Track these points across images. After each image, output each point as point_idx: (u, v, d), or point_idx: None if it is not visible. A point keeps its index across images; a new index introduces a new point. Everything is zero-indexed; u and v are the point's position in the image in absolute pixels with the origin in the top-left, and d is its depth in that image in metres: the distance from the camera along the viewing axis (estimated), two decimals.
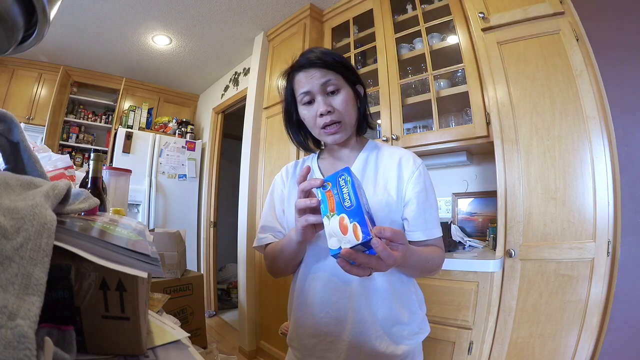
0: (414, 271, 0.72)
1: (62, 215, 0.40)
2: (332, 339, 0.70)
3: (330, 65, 0.72)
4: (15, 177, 0.33)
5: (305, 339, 0.73)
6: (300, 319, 0.74)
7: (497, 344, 1.23)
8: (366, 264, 0.50)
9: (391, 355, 0.68)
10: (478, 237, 1.68)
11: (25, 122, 3.07)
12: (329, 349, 0.70)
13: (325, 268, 0.71)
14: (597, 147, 1.18)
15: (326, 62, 0.72)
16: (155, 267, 0.36)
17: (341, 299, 0.69)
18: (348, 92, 0.74)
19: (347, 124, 0.74)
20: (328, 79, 0.72)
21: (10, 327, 0.18)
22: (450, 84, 1.74)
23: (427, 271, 0.71)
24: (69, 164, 0.92)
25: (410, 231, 0.72)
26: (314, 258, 0.73)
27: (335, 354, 0.69)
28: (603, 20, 1.27)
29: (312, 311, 0.72)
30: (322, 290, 0.71)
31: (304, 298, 0.74)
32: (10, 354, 0.17)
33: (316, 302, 0.71)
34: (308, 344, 0.73)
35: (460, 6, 1.63)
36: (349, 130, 0.76)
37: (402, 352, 0.69)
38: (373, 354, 0.68)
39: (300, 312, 0.74)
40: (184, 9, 2.41)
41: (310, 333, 0.72)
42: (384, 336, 0.69)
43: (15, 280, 0.21)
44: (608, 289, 1.14)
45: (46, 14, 0.32)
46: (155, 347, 0.41)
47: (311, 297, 0.72)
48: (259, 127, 2.54)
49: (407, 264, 0.62)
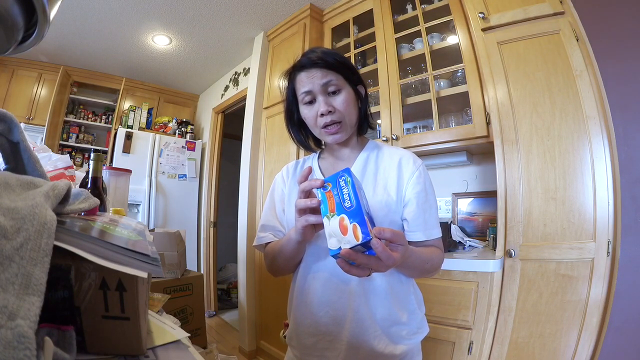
0: (413, 272, 0.72)
1: (62, 215, 0.40)
2: (331, 338, 0.70)
3: (332, 65, 0.72)
4: (15, 177, 0.33)
5: (305, 338, 0.73)
6: (300, 318, 0.74)
7: (497, 344, 1.23)
8: (366, 264, 0.50)
9: (390, 355, 0.68)
10: (478, 237, 1.68)
11: (25, 122, 3.07)
12: (328, 348, 0.70)
13: (324, 268, 0.71)
14: (597, 147, 1.18)
15: (327, 62, 0.72)
16: (155, 267, 0.36)
17: (340, 298, 0.69)
18: (349, 93, 0.74)
19: (347, 124, 0.74)
20: (329, 79, 0.72)
21: (10, 327, 0.18)
22: (450, 84, 1.74)
23: (426, 272, 0.71)
24: (69, 164, 0.92)
25: (409, 232, 0.72)
26: (313, 257, 0.73)
27: (334, 353, 0.70)
28: (603, 20, 1.27)
29: (311, 310, 0.72)
30: (321, 290, 0.71)
31: (303, 297, 0.74)
32: (10, 354, 0.17)
33: (315, 301, 0.71)
34: (307, 343, 0.73)
35: (460, 6, 1.63)
36: (349, 130, 0.76)
37: (401, 352, 0.70)
38: (372, 353, 0.68)
39: (299, 311, 0.75)
40: (184, 9, 2.41)
41: (310, 332, 0.72)
42: (382, 336, 0.69)
43: (15, 280, 0.21)
44: (608, 289, 1.14)
45: (46, 14, 0.32)
46: (155, 347, 0.41)
47: (311, 296, 0.72)
48: (259, 127, 2.54)
49: (407, 264, 0.62)
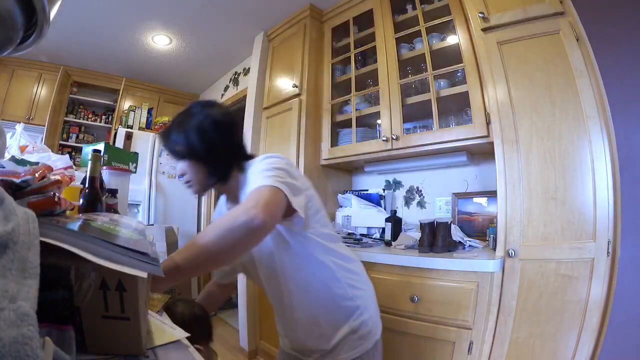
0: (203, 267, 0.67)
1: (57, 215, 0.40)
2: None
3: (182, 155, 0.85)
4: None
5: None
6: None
7: (497, 344, 1.23)
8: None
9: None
10: (478, 237, 1.68)
11: (25, 122, 3.07)
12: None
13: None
14: (597, 147, 1.18)
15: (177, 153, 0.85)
16: (155, 267, 0.36)
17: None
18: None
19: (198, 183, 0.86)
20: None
21: (12, 308, 0.19)
22: (450, 84, 1.74)
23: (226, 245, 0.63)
24: (69, 164, 0.92)
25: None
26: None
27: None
28: (603, 20, 1.27)
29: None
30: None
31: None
32: (14, 332, 0.18)
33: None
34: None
35: (460, 6, 1.63)
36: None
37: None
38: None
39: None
40: (184, 9, 2.41)
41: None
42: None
43: (12, 266, 0.21)
44: (608, 289, 1.13)
45: (46, 14, 0.32)
46: (155, 347, 0.41)
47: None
48: (259, 127, 2.54)
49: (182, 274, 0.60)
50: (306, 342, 0.89)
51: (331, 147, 2.12)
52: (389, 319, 1.32)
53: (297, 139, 2.11)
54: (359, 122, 2.03)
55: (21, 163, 0.61)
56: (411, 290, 1.31)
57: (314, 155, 2.15)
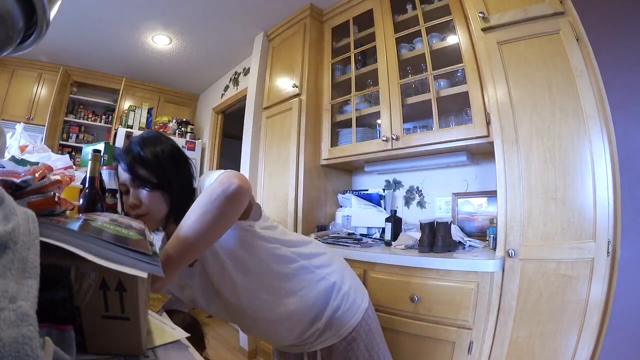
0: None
1: (55, 215, 0.40)
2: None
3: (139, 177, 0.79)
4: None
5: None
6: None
7: (497, 344, 1.23)
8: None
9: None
10: (478, 237, 1.68)
11: (25, 122, 3.07)
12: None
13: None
14: (597, 147, 1.18)
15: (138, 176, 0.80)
16: (156, 267, 0.36)
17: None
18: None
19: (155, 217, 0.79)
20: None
21: (12, 308, 0.19)
22: (450, 84, 1.74)
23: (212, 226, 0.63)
24: (69, 164, 0.92)
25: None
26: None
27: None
28: (603, 20, 1.27)
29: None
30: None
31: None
32: (14, 332, 0.18)
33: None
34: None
35: (460, 6, 1.63)
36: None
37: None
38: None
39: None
40: (184, 9, 2.41)
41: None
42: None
43: (12, 266, 0.21)
44: (608, 289, 1.13)
45: (46, 14, 0.32)
46: (155, 347, 0.41)
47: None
48: (259, 127, 2.54)
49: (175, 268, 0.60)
50: (292, 342, 0.90)
51: (331, 147, 2.13)
52: (389, 319, 1.32)
53: (297, 139, 2.11)
54: (359, 122, 2.03)
55: (21, 163, 0.61)
56: (411, 290, 1.31)
57: (314, 155, 2.15)
